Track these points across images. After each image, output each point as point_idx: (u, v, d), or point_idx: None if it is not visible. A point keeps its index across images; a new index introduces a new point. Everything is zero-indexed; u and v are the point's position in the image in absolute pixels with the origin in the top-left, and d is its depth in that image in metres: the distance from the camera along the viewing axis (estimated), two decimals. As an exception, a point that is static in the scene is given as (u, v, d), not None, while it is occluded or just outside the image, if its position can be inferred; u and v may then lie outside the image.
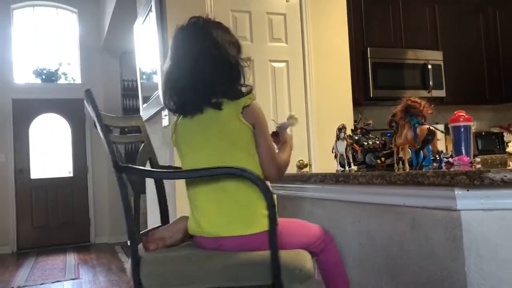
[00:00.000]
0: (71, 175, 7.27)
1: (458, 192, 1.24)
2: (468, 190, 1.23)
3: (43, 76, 7.26)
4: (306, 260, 1.41)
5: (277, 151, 1.62)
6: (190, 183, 1.49)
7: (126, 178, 1.57)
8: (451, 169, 1.32)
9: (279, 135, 1.75)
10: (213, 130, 1.45)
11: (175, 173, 1.53)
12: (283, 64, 3.57)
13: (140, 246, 1.50)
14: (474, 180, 1.17)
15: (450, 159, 1.81)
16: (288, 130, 1.80)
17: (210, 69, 1.45)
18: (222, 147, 1.44)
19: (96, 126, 1.41)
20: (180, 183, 3.00)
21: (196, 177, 1.42)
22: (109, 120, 1.60)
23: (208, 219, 1.43)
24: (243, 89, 1.49)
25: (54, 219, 7.06)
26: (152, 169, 1.54)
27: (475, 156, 2.55)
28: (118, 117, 1.79)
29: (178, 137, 1.54)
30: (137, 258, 1.38)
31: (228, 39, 1.51)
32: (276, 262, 1.28)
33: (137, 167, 1.42)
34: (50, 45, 7.37)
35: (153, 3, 3.31)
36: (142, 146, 1.77)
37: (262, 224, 1.38)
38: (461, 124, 1.84)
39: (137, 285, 1.36)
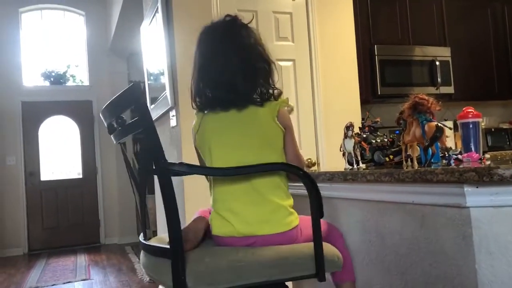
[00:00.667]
0: (81, 176, 7.33)
1: (467, 189, 1.23)
2: (477, 187, 1.22)
3: (52, 79, 7.32)
4: (335, 249, 1.52)
5: None
6: (218, 183, 1.48)
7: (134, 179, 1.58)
8: (460, 166, 1.31)
9: None
10: (251, 129, 1.48)
11: (223, 169, 1.44)
12: (290, 63, 3.56)
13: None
14: (484, 177, 1.16)
15: (459, 156, 1.79)
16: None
17: (253, 67, 1.49)
18: (258, 146, 1.47)
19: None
20: (190, 184, 3.01)
21: (244, 174, 1.41)
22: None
23: (242, 219, 1.44)
24: (275, 92, 1.55)
25: (64, 221, 7.12)
26: (202, 166, 1.55)
27: (484, 152, 2.53)
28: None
29: (205, 133, 1.53)
30: (182, 258, 1.26)
31: (263, 44, 1.56)
32: (321, 253, 1.39)
33: (188, 163, 1.34)
34: (58, 48, 7.42)
35: (159, 5, 3.32)
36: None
37: (291, 222, 1.47)
38: (470, 120, 1.83)
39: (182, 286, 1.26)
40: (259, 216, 1.44)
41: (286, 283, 1.60)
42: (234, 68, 1.46)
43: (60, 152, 7.33)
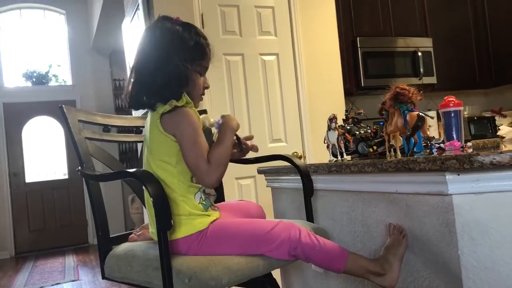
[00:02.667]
0: (67, 177, 7.26)
1: (449, 176, 1.25)
2: (458, 175, 1.24)
3: (34, 79, 7.23)
4: (206, 268, 1.27)
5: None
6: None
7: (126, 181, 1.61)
8: (442, 155, 1.32)
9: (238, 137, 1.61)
10: (145, 137, 1.47)
11: (96, 175, 1.61)
12: (273, 57, 3.56)
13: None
14: (464, 164, 1.18)
15: (442, 145, 1.82)
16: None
17: (149, 71, 1.42)
18: (146, 155, 1.46)
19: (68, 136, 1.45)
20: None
21: (104, 181, 1.55)
22: (122, 120, 1.65)
23: (151, 222, 1.45)
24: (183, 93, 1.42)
25: (51, 222, 7.06)
26: (91, 173, 1.60)
27: (468, 141, 2.57)
28: (135, 117, 1.81)
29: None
30: (105, 251, 1.59)
31: (185, 43, 1.45)
32: (165, 269, 1.25)
33: (89, 173, 1.55)
34: (39, 48, 7.33)
35: (140, 1, 3.29)
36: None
37: (180, 231, 1.37)
38: (451, 109, 1.86)
39: (103, 271, 1.56)
40: (151, 221, 1.42)
41: (274, 272, 1.61)
42: (141, 69, 1.45)
43: (45, 153, 7.25)
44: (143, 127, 1.84)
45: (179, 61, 1.41)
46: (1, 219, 6.72)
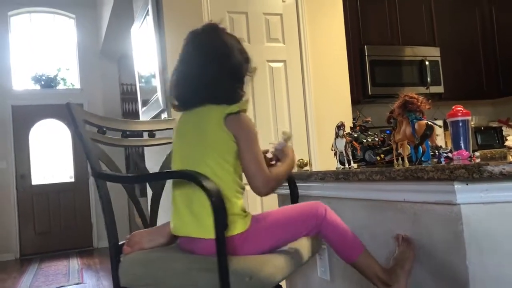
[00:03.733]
0: (73, 180, 7.29)
1: (457, 186, 1.25)
2: (467, 184, 1.24)
3: (42, 82, 7.28)
4: (262, 267, 1.31)
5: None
6: (173, 184, 1.52)
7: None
8: (450, 164, 1.32)
9: (279, 159, 1.67)
10: (195, 132, 1.46)
11: (135, 177, 1.61)
12: (280, 64, 3.58)
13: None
14: (473, 174, 1.18)
15: (450, 154, 1.82)
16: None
17: (214, 68, 1.46)
18: (200, 149, 1.44)
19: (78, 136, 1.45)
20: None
21: (150, 181, 1.52)
22: (137, 125, 1.66)
23: (181, 217, 1.44)
24: (239, 96, 1.49)
25: (57, 225, 7.08)
26: (116, 174, 1.58)
27: (475, 151, 2.56)
28: (149, 121, 1.83)
29: (174, 134, 1.57)
30: (117, 258, 1.48)
31: (239, 47, 1.54)
32: (224, 270, 1.24)
33: (107, 172, 1.48)
34: (48, 51, 7.39)
35: (149, 7, 3.32)
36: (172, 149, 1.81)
37: (232, 228, 1.36)
38: (459, 118, 1.85)
39: (116, 282, 1.46)
40: (193, 217, 1.40)
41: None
42: (196, 70, 1.48)
43: (51, 156, 7.29)
44: (152, 131, 1.85)
45: (240, 65, 1.50)
46: (7, 221, 6.75)
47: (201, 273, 1.29)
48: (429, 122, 1.53)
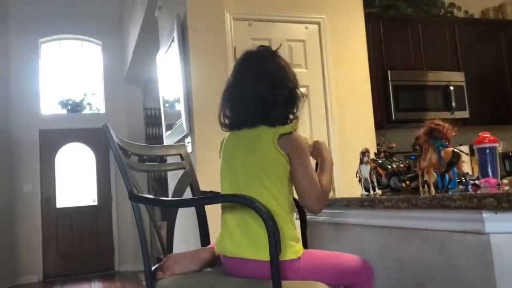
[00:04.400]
0: (96, 203, 7.37)
1: (486, 215, 1.22)
2: (496, 213, 1.21)
3: (69, 107, 7.46)
4: None
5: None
6: (223, 205, 1.51)
7: (147, 206, 1.61)
8: (478, 192, 1.30)
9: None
10: (250, 152, 1.47)
11: (181, 201, 1.58)
12: (303, 90, 3.58)
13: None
14: (503, 203, 1.15)
15: (477, 182, 1.78)
16: None
17: (269, 90, 1.49)
18: (253, 170, 1.44)
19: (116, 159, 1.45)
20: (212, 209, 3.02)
21: (201, 205, 1.44)
22: (146, 150, 1.66)
23: (233, 238, 1.43)
24: (290, 117, 1.52)
25: (79, 247, 7.14)
26: (162, 198, 1.56)
27: (503, 177, 2.50)
28: (159, 146, 1.85)
29: (223, 152, 1.58)
30: (152, 285, 1.42)
31: (292, 72, 1.57)
32: None
33: (147, 196, 1.45)
34: (75, 77, 7.58)
35: (175, 34, 3.40)
36: (183, 172, 1.81)
37: (286, 253, 1.37)
38: (487, 145, 1.82)
39: None
40: (246, 238, 1.40)
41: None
42: (249, 90, 1.50)
43: (76, 179, 7.40)
44: (176, 155, 1.87)
45: (295, 87, 1.54)
46: (32, 243, 6.83)
47: None
48: (455, 150, 1.51)
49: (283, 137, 1.44)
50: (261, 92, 1.48)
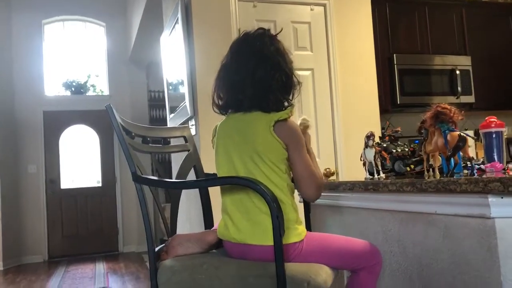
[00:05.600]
0: (100, 185, 7.41)
1: (491, 199, 1.22)
2: (502, 197, 1.21)
3: (73, 89, 7.45)
4: (318, 273, 1.32)
5: None
6: (222, 188, 1.51)
7: (150, 188, 1.60)
8: (484, 176, 1.29)
9: None
10: (246, 136, 1.45)
11: (183, 183, 1.57)
12: (308, 73, 3.57)
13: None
14: (509, 187, 1.14)
15: (482, 166, 1.77)
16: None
17: (267, 74, 1.47)
18: (250, 155, 1.43)
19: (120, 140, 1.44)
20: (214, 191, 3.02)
21: (205, 186, 1.43)
22: (150, 131, 1.66)
23: (236, 224, 1.43)
24: (286, 104, 1.50)
25: (83, 228, 7.20)
26: (166, 180, 1.54)
27: (508, 162, 2.49)
28: (162, 128, 1.84)
29: (216, 138, 1.56)
30: (155, 265, 1.41)
31: (289, 58, 1.55)
32: (281, 275, 1.24)
33: (150, 177, 1.44)
34: (79, 58, 7.56)
35: (179, 16, 3.36)
36: (187, 154, 1.80)
37: (290, 236, 1.38)
38: (493, 130, 1.81)
39: None
40: (250, 224, 1.40)
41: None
42: (247, 73, 1.47)
43: (80, 161, 7.43)
44: (180, 137, 1.86)
45: (292, 72, 1.52)
46: (37, 224, 6.90)
47: (258, 279, 1.29)
48: (462, 134, 1.50)
49: (279, 124, 1.43)
50: (259, 75, 1.46)
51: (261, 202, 1.37)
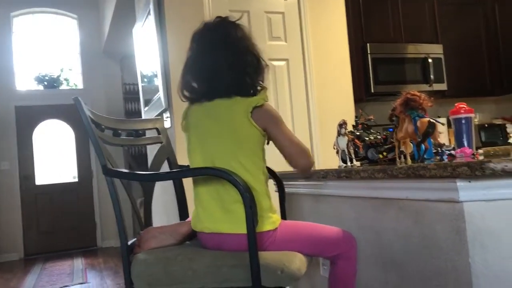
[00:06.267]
0: (76, 180, 7.30)
1: (460, 183, 1.24)
2: (470, 182, 1.23)
3: (45, 83, 7.29)
4: (291, 261, 1.34)
5: None
6: (195, 179, 1.50)
7: (122, 181, 1.59)
8: (453, 161, 1.32)
9: None
10: (222, 126, 1.45)
11: (154, 175, 1.56)
12: (283, 63, 3.57)
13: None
14: (476, 171, 1.17)
15: (452, 152, 1.81)
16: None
17: (240, 59, 1.48)
18: (227, 146, 1.43)
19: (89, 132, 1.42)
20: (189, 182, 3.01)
21: (178, 178, 1.43)
22: (121, 123, 1.63)
23: (209, 214, 1.43)
24: (259, 87, 1.51)
25: (60, 225, 7.09)
26: (137, 172, 1.53)
27: (479, 148, 2.55)
28: (135, 120, 1.81)
29: (188, 125, 1.54)
30: (128, 259, 1.41)
31: (253, 40, 1.56)
32: (255, 264, 1.25)
33: (121, 170, 1.43)
34: (51, 52, 7.40)
35: (151, 7, 3.32)
36: (160, 146, 1.79)
37: (264, 224, 1.39)
38: (462, 116, 1.84)
39: (128, 285, 1.39)
40: (224, 213, 1.41)
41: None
42: (219, 60, 1.47)
43: (55, 156, 7.30)
44: (153, 129, 1.84)
45: (259, 56, 1.53)
46: (12, 221, 6.76)
47: (233, 269, 1.29)
48: (431, 120, 1.53)
49: (256, 110, 1.44)
50: (231, 61, 1.47)
51: (235, 191, 1.36)
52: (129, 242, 1.48)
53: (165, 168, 1.77)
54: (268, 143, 1.55)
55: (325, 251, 1.52)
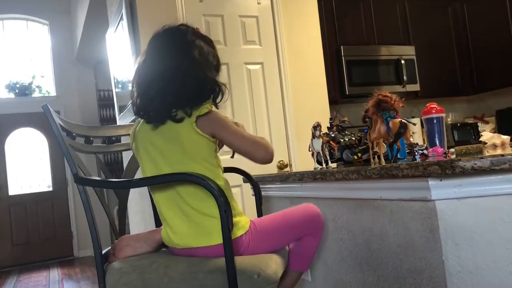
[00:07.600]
0: (51, 189, 7.16)
1: (431, 182, 1.26)
2: (441, 180, 1.25)
3: (17, 90, 7.14)
4: (267, 265, 1.34)
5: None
6: (154, 194, 1.46)
7: (95, 189, 1.56)
8: (425, 161, 1.33)
9: None
10: (169, 141, 1.40)
11: (128, 182, 1.53)
12: (258, 66, 3.58)
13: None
14: (446, 170, 1.19)
15: (425, 151, 1.84)
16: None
17: (186, 84, 1.40)
18: (178, 159, 1.39)
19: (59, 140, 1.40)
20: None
21: (150, 185, 1.41)
22: (93, 130, 1.61)
23: (176, 231, 1.40)
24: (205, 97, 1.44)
25: (35, 235, 6.94)
26: (108, 180, 1.49)
27: (452, 147, 2.59)
28: (107, 126, 1.78)
29: (138, 146, 1.49)
30: (103, 268, 1.40)
31: (211, 54, 1.50)
32: (232, 269, 1.24)
33: (93, 178, 1.40)
34: (22, 59, 7.25)
35: (124, 11, 3.29)
36: (133, 154, 1.76)
37: (234, 231, 1.37)
38: (434, 116, 1.87)
39: None
40: (191, 227, 1.38)
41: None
42: (160, 82, 1.40)
43: (28, 165, 7.15)
44: (127, 135, 1.82)
45: (207, 70, 1.45)
46: (-16, 233, 6.60)
47: (209, 275, 1.28)
48: (403, 120, 1.55)
49: (200, 119, 1.39)
50: (175, 87, 1.39)
51: (198, 203, 1.36)
52: (104, 251, 1.45)
53: (139, 174, 1.75)
54: (220, 147, 1.53)
55: (297, 236, 1.60)
